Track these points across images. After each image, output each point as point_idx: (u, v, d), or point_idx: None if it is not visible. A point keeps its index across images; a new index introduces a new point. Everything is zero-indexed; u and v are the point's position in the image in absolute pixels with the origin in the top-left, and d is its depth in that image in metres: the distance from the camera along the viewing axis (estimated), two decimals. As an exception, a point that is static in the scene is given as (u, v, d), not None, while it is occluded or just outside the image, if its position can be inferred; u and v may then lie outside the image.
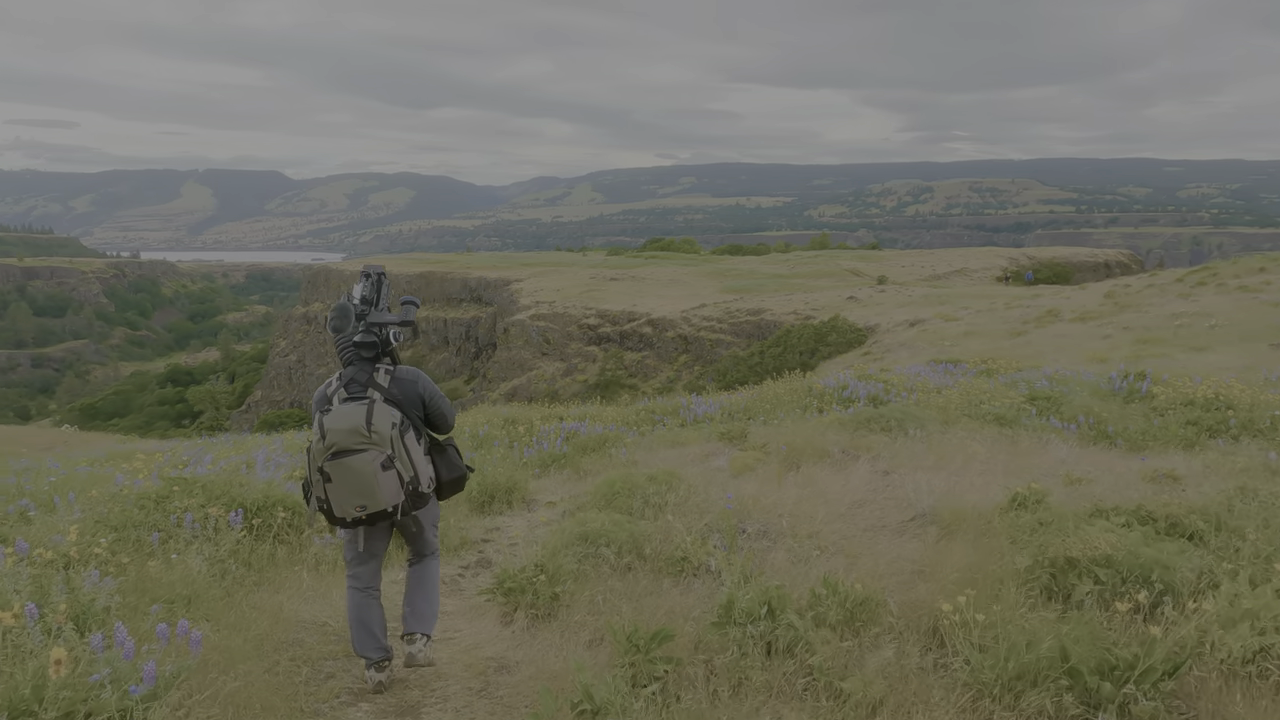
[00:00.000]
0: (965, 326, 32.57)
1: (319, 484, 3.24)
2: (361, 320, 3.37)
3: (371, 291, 3.45)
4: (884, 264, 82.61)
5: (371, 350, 3.36)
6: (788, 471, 5.40)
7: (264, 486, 4.85)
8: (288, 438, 10.14)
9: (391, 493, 3.19)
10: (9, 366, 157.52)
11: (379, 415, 3.20)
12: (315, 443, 3.25)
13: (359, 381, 3.32)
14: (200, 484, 4.70)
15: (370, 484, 3.14)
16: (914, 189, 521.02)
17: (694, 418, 11.09)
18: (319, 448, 3.22)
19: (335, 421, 3.19)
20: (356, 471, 3.14)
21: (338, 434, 3.17)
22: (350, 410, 3.20)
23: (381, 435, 3.18)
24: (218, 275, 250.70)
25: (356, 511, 3.19)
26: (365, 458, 3.14)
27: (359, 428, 3.16)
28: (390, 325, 3.42)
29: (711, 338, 57.27)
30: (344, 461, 3.15)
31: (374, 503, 3.18)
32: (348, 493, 3.17)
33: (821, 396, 11.88)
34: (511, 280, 75.79)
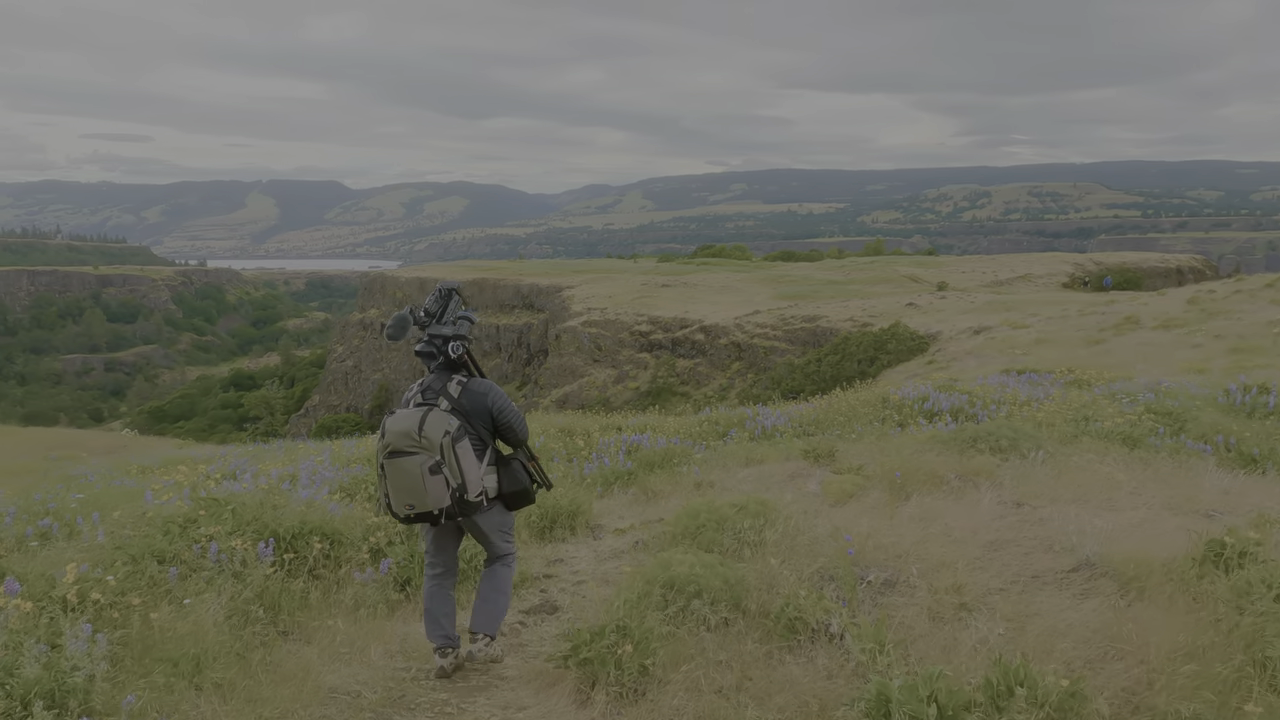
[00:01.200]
0: (1036, 334, 31.07)
1: (380, 479, 3.52)
2: (424, 330, 3.61)
3: (437, 305, 3.64)
4: (943, 270, 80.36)
5: (430, 360, 3.60)
6: (896, 500, 4.65)
7: (301, 510, 4.32)
8: (336, 447, 9.71)
9: (437, 496, 3.37)
10: (84, 370, 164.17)
11: (432, 422, 3.41)
12: (376, 441, 3.55)
13: (433, 389, 3.56)
14: (231, 506, 4.17)
15: (418, 485, 3.35)
16: (971, 194, 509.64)
17: (762, 430, 10.35)
18: (378, 447, 3.49)
19: (394, 424, 3.47)
20: (407, 472, 3.36)
21: (393, 435, 3.42)
22: (409, 415, 3.44)
23: (431, 441, 3.37)
24: (279, 283, 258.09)
25: (407, 510, 3.44)
26: (415, 460, 3.35)
27: (411, 431, 3.38)
28: (446, 338, 3.61)
29: (765, 345, 56.27)
30: (397, 461, 3.40)
31: (421, 504, 3.40)
32: (398, 491, 3.42)
33: (899, 408, 11.02)
34: (563, 287, 75.76)
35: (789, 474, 6.06)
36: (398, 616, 3.96)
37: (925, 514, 4.32)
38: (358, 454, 8.14)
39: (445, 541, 3.72)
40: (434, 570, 3.71)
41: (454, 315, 3.65)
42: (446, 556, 3.74)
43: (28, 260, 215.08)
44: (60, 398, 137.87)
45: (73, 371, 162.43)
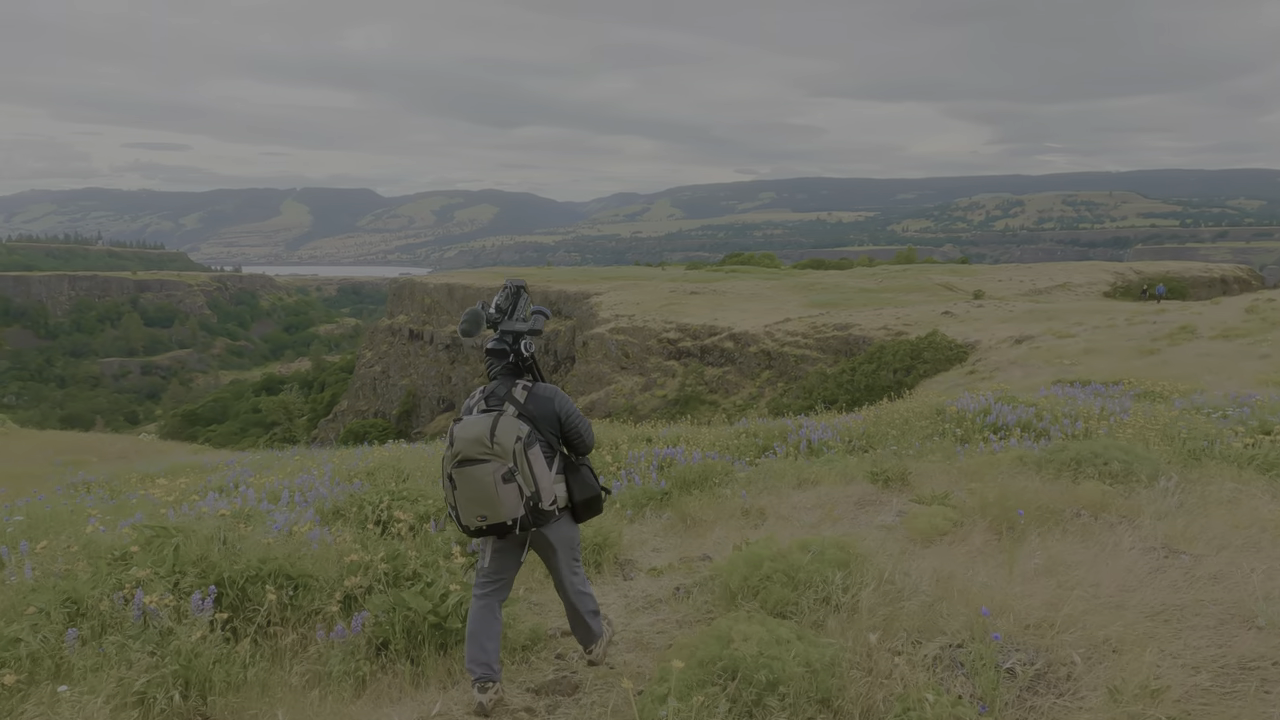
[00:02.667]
0: (1084, 343, 29.68)
1: (448, 490, 3.35)
2: (494, 328, 3.51)
3: (507, 302, 3.55)
4: (978, 278, 78.70)
5: (502, 358, 3.47)
6: (1006, 541, 3.71)
7: (265, 544, 3.49)
8: (340, 459, 8.93)
9: (511, 505, 3.23)
10: (121, 373, 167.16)
11: (503, 428, 3.27)
12: (445, 450, 3.37)
13: (498, 395, 3.42)
14: (178, 539, 3.36)
15: (490, 494, 3.21)
16: (1003, 203, 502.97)
17: (807, 444, 9.37)
18: (448, 455, 3.33)
19: (463, 431, 3.30)
20: (478, 481, 3.22)
21: (463, 443, 3.27)
22: (478, 421, 3.29)
23: (504, 447, 3.23)
24: (311, 289, 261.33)
25: (478, 521, 3.28)
26: (487, 468, 3.21)
27: (482, 438, 3.24)
28: (521, 334, 3.51)
29: (796, 353, 55.21)
30: (468, 470, 3.24)
31: (494, 514, 3.25)
32: (469, 501, 3.26)
33: (958, 421, 10.00)
34: (591, 294, 75.18)
35: (855, 500, 5.15)
36: (368, 696, 3.06)
37: (1052, 563, 3.38)
38: (362, 466, 7.33)
39: (508, 559, 3.52)
40: (485, 589, 3.47)
41: (524, 312, 3.56)
42: (506, 574, 3.53)
43: (70, 265, 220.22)
44: (98, 400, 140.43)
45: (110, 374, 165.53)
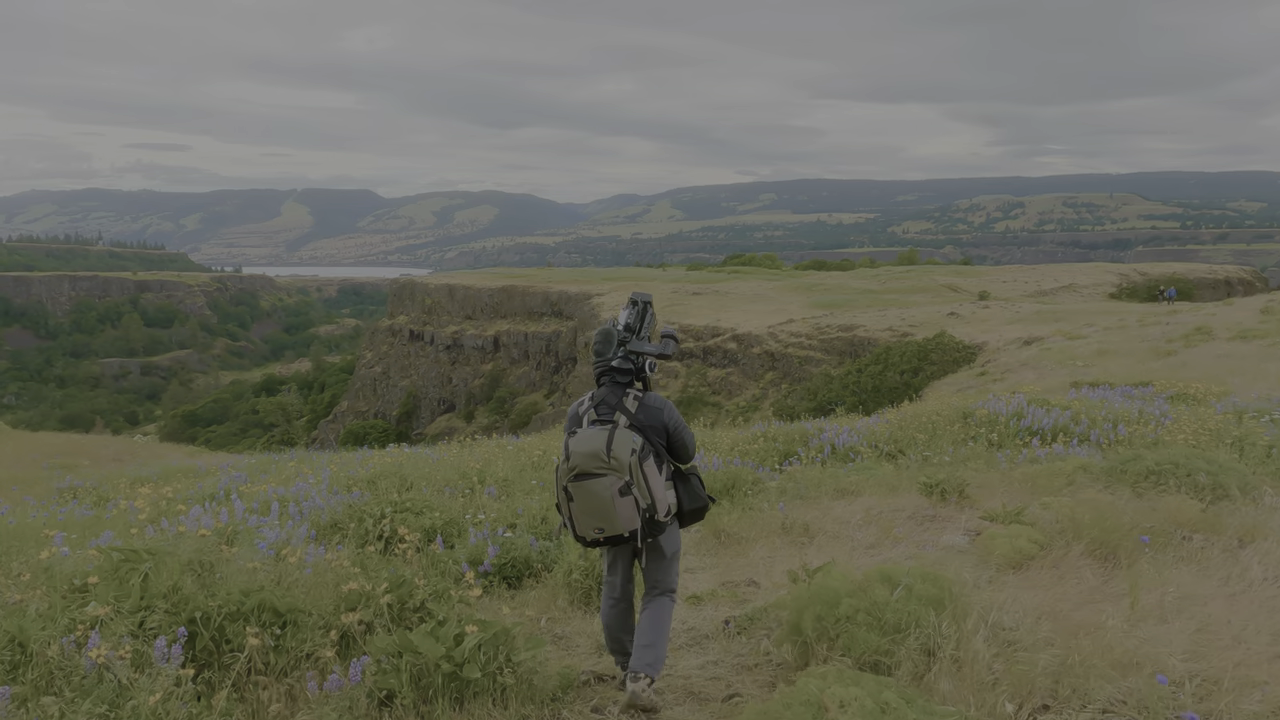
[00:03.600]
0: (1097, 345, 29.15)
1: (564, 502, 3.35)
2: (622, 347, 3.48)
3: (636, 320, 3.54)
4: (983, 279, 78.27)
5: (627, 376, 3.47)
6: (1110, 568, 3.22)
7: (247, 576, 3.00)
8: (338, 466, 8.43)
9: (628, 518, 3.25)
10: (121, 374, 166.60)
11: (619, 441, 3.28)
12: (561, 463, 3.36)
13: (608, 404, 3.41)
14: (149, 564, 2.87)
15: (608, 508, 3.22)
16: (1004, 204, 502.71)
17: (832, 449, 8.87)
18: (564, 468, 3.32)
19: (579, 444, 3.31)
20: (595, 495, 3.23)
21: (580, 457, 3.28)
22: (594, 435, 3.30)
23: (620, 461, 3.24)
24: (312, 290, 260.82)
25: (595, 533, 3.30)
26: (604, 482, 3.23)
27: (599, 452, 3.25)
28: (648, 356, 3.49)
29: (800, 355, 54.75)
30: (585, 484, 3.25)
31: (611, 526, 3.26)
32: (585, 514, 3.27)
33: (991, 426, 9.50)
34: (592, 294, 74.67)
35: (909, 515, 4.66)
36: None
37: (1183, 600, 2.88)
38: (362, 474, 6.83)
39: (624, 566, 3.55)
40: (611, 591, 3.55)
41: (650, 329, 3.55)
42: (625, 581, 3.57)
43: (70, 266, 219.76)
44: (98, 401, 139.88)
45: (110, 375, 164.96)
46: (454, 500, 5.82)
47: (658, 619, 3.42)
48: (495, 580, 4.29)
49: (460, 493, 6.42)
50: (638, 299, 3.55)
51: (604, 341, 3.45)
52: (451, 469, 7.30)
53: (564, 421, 3.62)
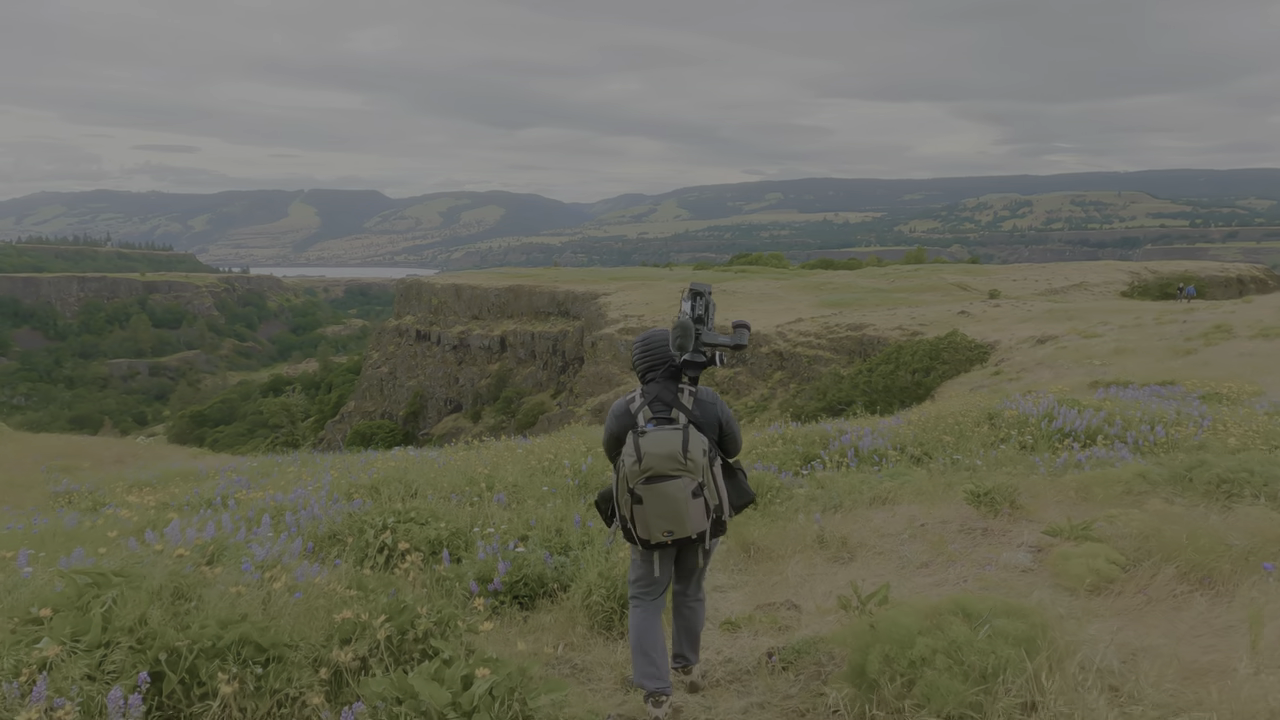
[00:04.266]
0: (1114, 343, 28.68)
1: (626, 504, 3.23)
2: None
3: (703, 311, 3.37)
4: (992, 278, 77.76)
5: (697, 370, 3.34)
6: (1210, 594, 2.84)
7: (228, 603, 2.65)
8: (340, 473, 8.09)
9: (698, 520, 3.18)
10: (130, 374, 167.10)
11: (694, 442, 3.19)
12: (630, 464, 3.20)
13: (663, 401, 3.30)
14: (116, 592, 2.52)
15: (681, 510, 3.13)
16: (1011, 203, 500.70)
17: (855, 452, 8.48)
18: (634, 470, 3.19)
19: (653, 446, 3.18)
20: (669, 498, 3.13)
21: (655, 459, 3.16)
22: (668, 436, 3.19)
23: (696, 463, 3.16)
24: (319, 290, 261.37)
25: (663, 536, 3.18)
26: (679, 484, 3.14)
27: (676, 454, 3.15)
28: (721, 347, 3.33)
29: (809, 354, 54.42)
30: (658, 487, 3.15)
31: (681, 529, 3.17)
32: (657, 517, 3.16)
33: (1020, 427, 9.12)
34: (599, 294, 74.34)
35: (958, 528, 4.28)
36: None
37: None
38: (364, 480, 6.49)
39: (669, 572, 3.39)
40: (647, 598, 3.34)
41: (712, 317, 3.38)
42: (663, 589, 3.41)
43: (79, 267, 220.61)
44: (106, 401, 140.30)
45: (119, 375, 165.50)
46: (461, 509, 5.47)
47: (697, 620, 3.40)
48: (506, 600, 3.92)
49: (468, 500, 6.07)
50: (699, 289, 3.37)
51: (684, 335, 3.24)
52: (458, 474, 6.95)
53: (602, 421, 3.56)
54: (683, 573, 3.43)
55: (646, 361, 3.38)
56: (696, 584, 3.44)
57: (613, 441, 3.33)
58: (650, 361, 3.37)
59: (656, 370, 3.35)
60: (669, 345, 3.34)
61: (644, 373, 3.39)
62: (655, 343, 3.40)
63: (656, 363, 3.36)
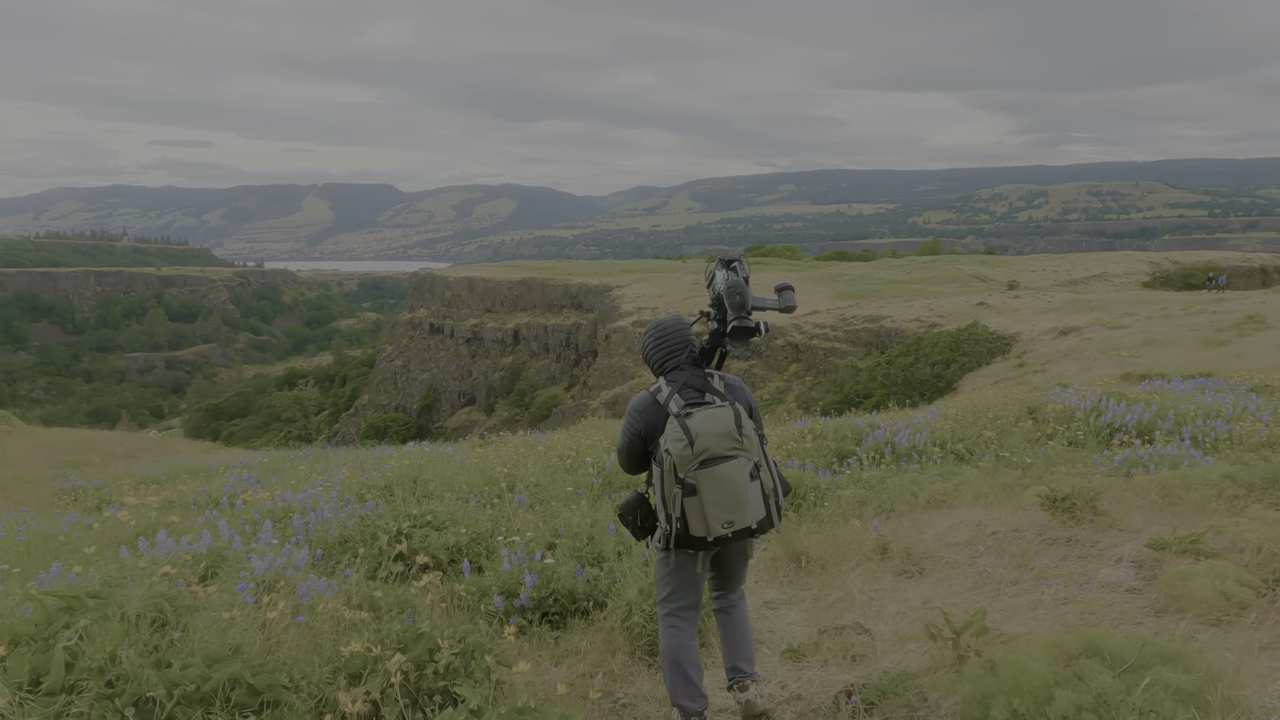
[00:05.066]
0: (1141, 334, 28.03)
1: (675, 499, 2.85)
2: None
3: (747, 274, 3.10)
4: (1010, 269, 76.94)
5: (746, 340, 3.03)
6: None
7: (218, 633, 2.28)
8: (351, 470, 7.74)
9: (756, 505, 2.88)
10: (146, 368, 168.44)
11: (745, 419, 2.91)
12: (680, 450, 2.84)
13: (694, 388, 3.01)
14: (86, 622, 2.15)
15: (741, 494, 2.83)
16: (1027, 194, 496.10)
17: (893, 449, 8.05)
18: (684, 455, 2.83)
19: (705, 424, 2.86)
20: (728, 480, 2.82)
21: (709, 438, 2.83)
22: (718, 413, 2.90)
23: (751, 441, 2.89)
24: (333, 284, 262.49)
25: (724, 529, 2.82)
26: (736, 465, 2.83)
27: (731, 431, 2.85)
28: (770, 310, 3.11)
29: (825, 346, 53.99)
30: (714, 470, 2.82)
31: (741, 517, 2.84)
32: (715, 507, 2.82)
33: (1066, 422, 8.66)
34: (612, 286, 73.96)
35: (1036, 536, 3.84)
36: None
37: None
38: (377, 479, 6.13)
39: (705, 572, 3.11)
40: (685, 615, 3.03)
41: None
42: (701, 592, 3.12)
43: (96, 261, 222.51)
44: (124, 395, 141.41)
45: (136, 369, 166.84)
46: (481, 511, 5.09)
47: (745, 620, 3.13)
48: (534, 618, 3.54)
49: (487, 501, 5.70)
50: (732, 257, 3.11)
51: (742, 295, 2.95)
52: (476, 472, 6.57)
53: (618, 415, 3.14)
54: (726, 575, 3.14)
55: (664, 349, 3.10)
56: (740, 591, 3.18)
57: (638, 443, 3.00)
58: (668, 348, 3.09)
59: (678, 356, 3.07)
60: (686, 331, 3.12)
61: (662, 362, 3.10)
62: (671, 329, 3.15)
63: (676, 348, 3.08)
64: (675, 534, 2.87)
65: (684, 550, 2.97)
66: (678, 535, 2.87)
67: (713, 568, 3.13)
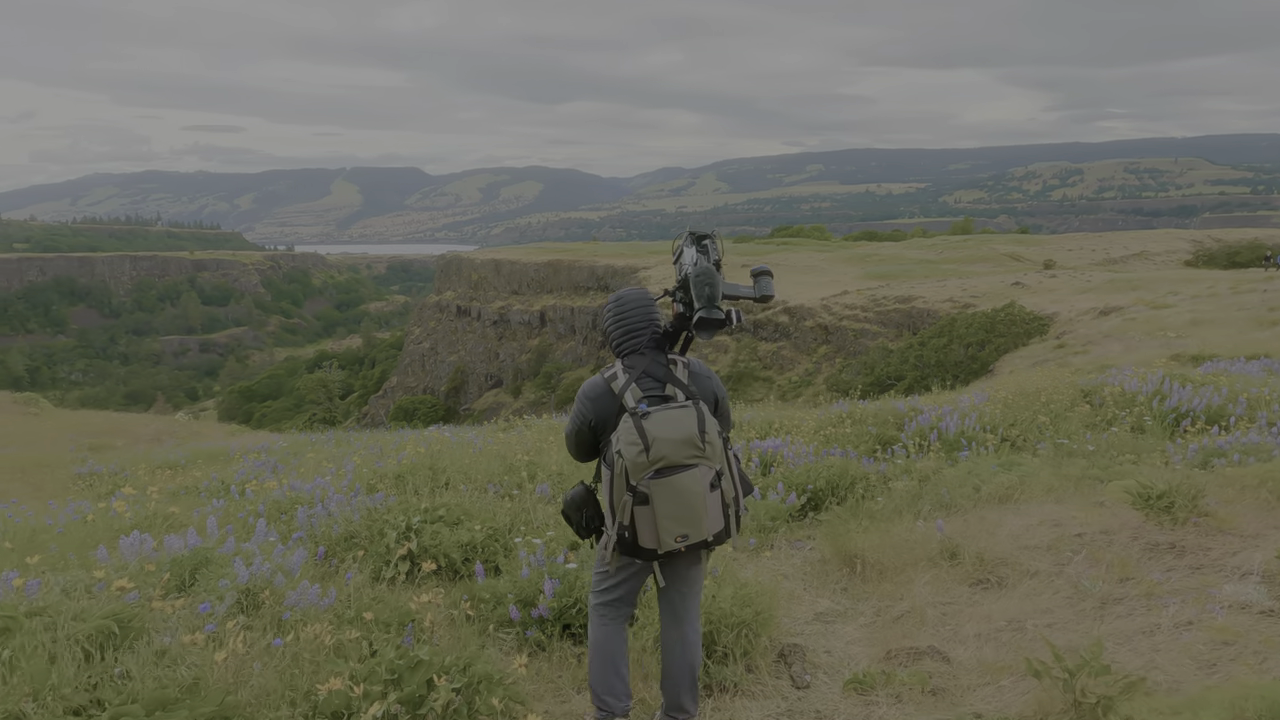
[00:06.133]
0: (1188, 314, 27.02)
1: (625, 507, 2.56)
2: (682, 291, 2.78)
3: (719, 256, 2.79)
4: (1045, 248, 75.29)
5: (713, 331, 2.70)
6: None
7: (168, 662, 1.89)
8: (363, 458, 7.43)
9: (715, 517, 2.59)
10: (181, 351, 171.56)
11: (710, 422, 2.60)
12: (634, 455, 2.54)
13: (654, 376, 2.68)
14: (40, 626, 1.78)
15: (698, 506, 2.53)
16: (1061, 171, 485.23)
17: (939, 436, 7.53)
18: (639, 461, 2.53)
19: (663, 428, 2.54)
20: (685, 491, 2.52)
21: (668, 445, 2.53)
22: (679, 416, 2.58)
23: (714, 447, 2.59)
24: (361, 267, 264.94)
25: (676, 543, 2.54)
26: (696, 475, 2.53)
27: (692, 437, 2.54)
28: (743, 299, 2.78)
29: (855, 327, 53.17)
30: (671, 480, 2.51)
31: (697, 530, 2.56)
32: (669, 519, 2.53)
33: (1127, 406, 8.09)
34: (639, 268, 73.48)
35: (1130, 540, 3.36)
36: None
37: None
38: (392, 466, 5.78)
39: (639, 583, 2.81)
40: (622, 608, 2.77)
41: None
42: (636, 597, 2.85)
43: (131, 246, 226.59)
44: (159, 377, 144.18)
45: (171, 352, 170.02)
46: (499, 503, 4.72)
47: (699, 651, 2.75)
48: (554, 631, 3.14)
49: (506, 491, 5.32)
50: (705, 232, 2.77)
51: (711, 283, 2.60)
52: (496, 460, 6.20)
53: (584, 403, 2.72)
54: (676, 595, 2.77)
55: (623, 327, 2.77)
56: (694, 610, 2.82)
57: (587, 432, 2.70)
58: (628, 327, 2.75)
59: (638, 338, 2.74)
60: (650, 308, 2.77)
61: (620, 343, 2.78)
62: (631, 303, 2.79)
63: (637, 327, 2.74)
64: (622, 542, 2.57)
65: (629, 558, 2.66)
66: (625, 544, 2.58)
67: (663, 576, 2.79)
